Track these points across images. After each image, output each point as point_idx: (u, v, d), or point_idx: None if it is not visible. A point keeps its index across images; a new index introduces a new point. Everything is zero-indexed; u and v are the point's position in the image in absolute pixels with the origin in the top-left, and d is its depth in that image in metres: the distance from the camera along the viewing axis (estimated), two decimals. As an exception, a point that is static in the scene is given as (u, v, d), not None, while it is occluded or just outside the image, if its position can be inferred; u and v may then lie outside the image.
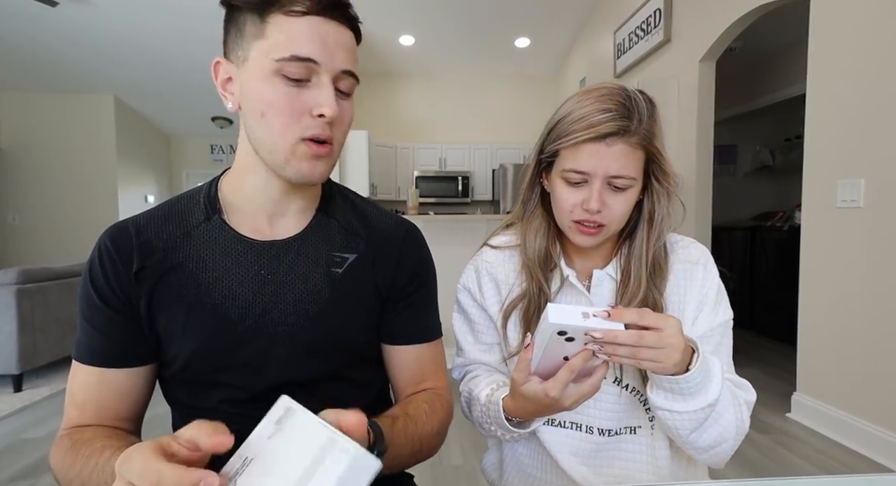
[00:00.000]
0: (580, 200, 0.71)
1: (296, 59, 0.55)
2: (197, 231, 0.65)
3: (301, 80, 0.57)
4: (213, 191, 0.68)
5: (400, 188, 6.39)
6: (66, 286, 3.17)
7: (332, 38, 0.57)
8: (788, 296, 3.04)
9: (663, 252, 0.77)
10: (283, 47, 0.55)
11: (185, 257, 0.63)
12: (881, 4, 1.96)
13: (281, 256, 0.66)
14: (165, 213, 0.66)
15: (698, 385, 0.61)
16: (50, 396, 2.85)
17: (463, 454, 2.09)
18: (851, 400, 2.12)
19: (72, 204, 6.13)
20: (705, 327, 0.74)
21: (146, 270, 0.62)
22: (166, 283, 0.62)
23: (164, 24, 4.71)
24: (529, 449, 0.82)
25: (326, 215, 0.71)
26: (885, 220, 1.96)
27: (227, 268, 0.64)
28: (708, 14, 3.04)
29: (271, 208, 0.66)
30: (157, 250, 0.63)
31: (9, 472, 2.00)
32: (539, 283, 0.78)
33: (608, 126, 0.66)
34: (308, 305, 0.65)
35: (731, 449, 0.68)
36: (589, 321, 0.55)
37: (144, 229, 0.64)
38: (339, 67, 0.58)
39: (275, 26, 0.56)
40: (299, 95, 0.57)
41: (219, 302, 0.62)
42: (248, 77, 0.58)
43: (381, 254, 0.71)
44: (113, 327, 0.62)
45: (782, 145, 4.71)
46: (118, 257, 0.62)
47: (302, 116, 0.58)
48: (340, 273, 0.68)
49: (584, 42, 5.30)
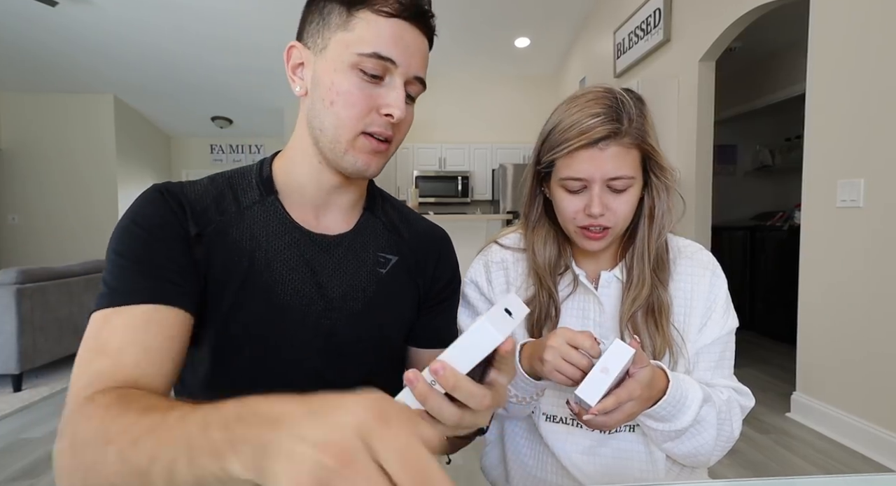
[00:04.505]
0: (582, 206, 0.71)
1: (377, 57, 0.57)
2: (251, 211, 0.64)
3: (376, 76, 0.58)
4: (267, 172, 0.67)
5: (400, 188, 6.39)
6: (66, 286, 3.17)
7: (412, 42, 0.59)
8: (788, 296, 3.05)
9: (665, 248, 0.78)
10: (366, 43, 0.57)
11: (239, 234, 0.62)
12: (881, 4, 1.96)
13: (332, 250, 0.66)
14: (220, 187, 0.65)
15: (668, 415, 0.65)
16: (50, 396, 2.85)
17: (462, 453, 2.09)
18: (851, 400, 2.12)
19: (71, 204, 6.13)
20: (713, 336, 0.75)
21: (203, 237, 0.60)
22: (220, 254, 0.60)
23: (165, 24, 4.71)
24: (530, 445, 0.83)
25: (373, 215, 0.72)
26: (885, 220, 1.96)
27: (279, 251, 0.63)
28: (708, 14, 3.04)
29: (319, 199, 0.66)
30: (212, 221, 0.61)
31: (8, 472, 2.00)
32: (549, 289, 0.79)
33: (599, 131, 0.67)
34: (352, 302, 0.66)
35: (711, 459, 0.72)
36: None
37: (201, 199, 0.62)
38: (413, 72, 0.60)
39: (362, 21, 0.57)
40: (372, 90, 0.59)
41: (269, 284, 0.62)
42: (325, 66, 0.59)
43: (421, 257, 0.73)
44: (166, 262, 0.55)
45: (782, 145, 4.71)
46: (177, 208, 0.59)
47: (370, 112, 0.59)
48: (385, 273, 0.69)
49: (584, 42, 5.29)
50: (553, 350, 0.61)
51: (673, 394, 0.64)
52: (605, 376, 0.56)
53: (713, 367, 0.76)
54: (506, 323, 0.40)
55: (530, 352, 0.68)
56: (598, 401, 0.56)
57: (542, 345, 0.63)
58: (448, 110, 6.64)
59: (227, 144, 7.42)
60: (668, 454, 0.74)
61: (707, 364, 0.75)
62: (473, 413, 0.40)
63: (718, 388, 0.74)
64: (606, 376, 0.56)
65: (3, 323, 2.79)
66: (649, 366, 0.61)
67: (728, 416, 0.71)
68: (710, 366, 0.76)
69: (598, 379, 0.56)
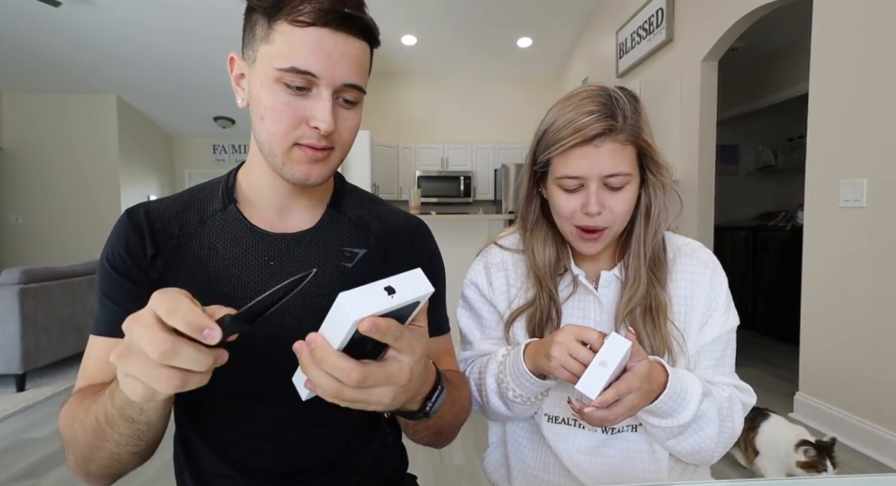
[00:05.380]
0: (579, 204, 0.71)
1: (295, 71, 0.55)
2: (212, 220, 0.66)
3: (302, 88, 0.57)
4: (231, 181, 0.69)
5: (402, 188, 6.40)
6: (69, 286, 3.18)
7: (337, 50, 0.56)
8: (790, 296, 3.04)
9: (663, 247, 0.78)
10: (284, 57, 0.55)
11: (198, 245, 0.64)
12: (884, 4, 1.96)
13: (291, 248, 0.67)
14: (186, 201, 0.68)
15: (669, 410, 0.65)
16: (53, 395, 2.86)
17: (465, 454, 2.09)
18: (853, 400, 2.11)
19: (74, 204, 6.15)
20: (714, 335, 0.74)
21: (160, 256, 0.63)
22: (178, 270, 0.63)
23: (167, 25, 4.72)
24: (532, 446, 0.82)
25: (337, 211, 0.72)
26: (887, 220, 1.95)
27: (237, 257, 0.65)
28: (710, 14, 3.04)
29: (279, 202, 0.68)
30: (171, 237, 0.64)
31: (11, 471, 2.00)
32: (549, 291, 0.78)
33: (594, 128, 0.67)
34: (317, 298, 0.65)
35: (714, 455, 0.72)
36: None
37: (162, 216, 0.66)
38: (340, 81, 0.57)
39: (280, 34, 0.56)
40: (298, 103, 0.57)
41: (228, 290, 0.63)
42: (254, 80, 0.59)
43: (391, 249, 0.72)
44: (130, 298, 0.61)
45: (785, 145, 4.70)
46: (135, 236, 0.63)
47: (299, 124, 0.58)
48: (350, 267, 0.68)
49: (586, 42, 5.29)
50: (560, 346, 0.61)
51: (673, 388, 0.64)
52: (604, 369, 0.56)
53: (714, 365, 0.76)
54: (373, 302, 0.39)
55: (535, 350, 0.68)
56: (598, 394, 0.56)
57: (549, 342, 0.63)
58: (450, 110, 6.64)
59: (230, 144, 7.43)
60: (672, 453, 0.74)
61: (708, 362, 0.76)
62: (355, 389, 0.42)
63: (720, 385, 0.74)
64: (605, 369, 0.56)
65: (6, 323, 2.80)
66: (647, 359, 0.61)
67: (730, 413, 0.71)
68: (712, 364, 0.76)
69: (597, 372, 0.57)
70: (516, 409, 0.75)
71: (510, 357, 0.72)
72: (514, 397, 0.72)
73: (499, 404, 0.75)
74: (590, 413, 0.59)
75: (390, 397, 0.44)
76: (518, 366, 0.69)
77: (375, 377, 0.42)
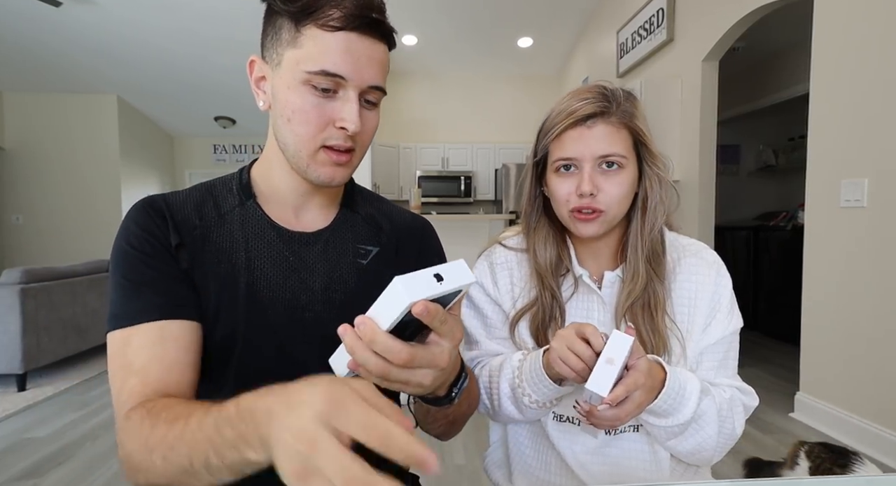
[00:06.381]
0: (574, 187, 0.72)
1: (325, 74, 0.57)
2: (231, 215, 0.67)
3: (329, 90, 0.59)
4: (246, 178, 0.70)
5: (402, 188, 6.39)
6: (70, 286, 3.19)
7: (363, 53, 0.58)
8: (791, 296, 3.04)
9: (661, 242, 0.78)
10: (314, 60, 0.57)
11: (219, 238, 0.65)
12: (885, 4, 1.96)
13: (310, 245, 0.68)
14: (202, 194, 0.68)
15: (669, 409, 0.65)
16: (53, 395, 2.86)
17: (466, 454, 2.09)
18: (854, 400, 2.11)
19: (75, 204, 6.15)
20: (717, 336, 0.74)
21: (184, 247, 0.63)
22: (202, 260, 0.63)
23: (168, 25, 4.72)
24: (534, 446, 0.82)
25: (350, 210, 0.74)
26: (888, 220, 1.95)
27: (260, 251, 0.66)
28: (711, 14, 3.03)
29: (296, 201, 0.69)
30: (194, 227, 0.64)
31: (12, 471, 2.01)
32: (552, 290, 0.79)
33: (586, 109, 0.70)
34: (335, 293, 0.67)
35: (714, 456, 0.72)
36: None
37: (182, 207, 0.65)
38: (367, 83, 0.60)
39: (309, 38, 0.57)
40: (325, 105, 0.59)
41: (251, 282, 0.64)
42: (279, 82, 0.60)
43: (402, 247, 0.75)
44: (165, 279, 0.60)
45: (785, 145, 4.70)
46: (159, 221, 0.62)
47: (326, 126, 0.60)
48: (366, 264, 0.70)
49: (587, 42, 5.29)
50: (560, 339, 0.62)
51: (672, 385, 0.64)
52: (611, 366, 0.57)
53: (717, 367, 0.76)
54: (424, 287, 0.41)
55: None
56: (608, 391, 0.56)
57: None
58: (451, 110, 6.64)
59: (230, 145, 7.43)
60: (672, 453, 0.74)
61: (711, 364, 0.75)
62: (401, 369, 0.43)
63: (721, 387, 0.74)
64: (612, 366, 0.57)
65: (7, 323, 2.80)
66: (645, 356, 0.62)
67: (730, 414, 0.71)
68: (714, 366, 0.75)
69: (605, 370, 0.57)
70: (529, 414, 0.75)
71: (527, 362, 0.72)
72: (529, 402, 0.72)
73: (511, 408, 0.75)
74: (602, 412, 0.59)
75: (430, 378, 0.46)
76: (537, 372, 0.69)
77: (421, 358, 0.44)
